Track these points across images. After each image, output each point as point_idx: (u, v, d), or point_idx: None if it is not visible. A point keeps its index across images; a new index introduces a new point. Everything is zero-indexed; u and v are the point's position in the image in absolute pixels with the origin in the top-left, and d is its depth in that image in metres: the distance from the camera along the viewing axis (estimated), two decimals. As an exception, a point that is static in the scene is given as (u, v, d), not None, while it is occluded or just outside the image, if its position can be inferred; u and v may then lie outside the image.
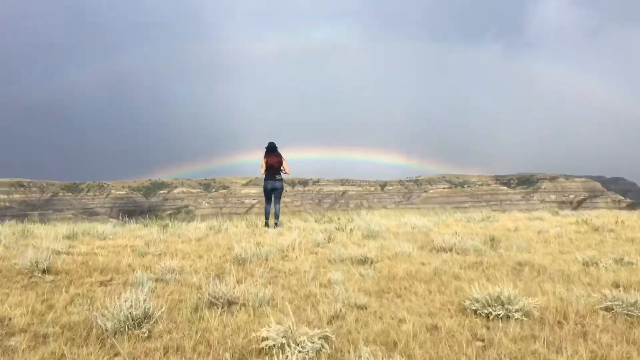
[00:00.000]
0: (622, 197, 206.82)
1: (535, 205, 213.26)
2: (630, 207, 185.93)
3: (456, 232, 10.73)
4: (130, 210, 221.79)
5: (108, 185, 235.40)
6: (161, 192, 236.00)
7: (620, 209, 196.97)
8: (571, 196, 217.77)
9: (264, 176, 14.32)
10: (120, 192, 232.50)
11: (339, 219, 14.49)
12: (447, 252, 9.09)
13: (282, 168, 14.41)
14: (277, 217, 13.41)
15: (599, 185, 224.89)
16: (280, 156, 14.23)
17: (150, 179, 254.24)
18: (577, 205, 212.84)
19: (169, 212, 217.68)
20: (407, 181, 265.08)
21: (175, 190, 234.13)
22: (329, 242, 9.88)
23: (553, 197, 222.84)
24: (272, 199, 14.28)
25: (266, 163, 14.13)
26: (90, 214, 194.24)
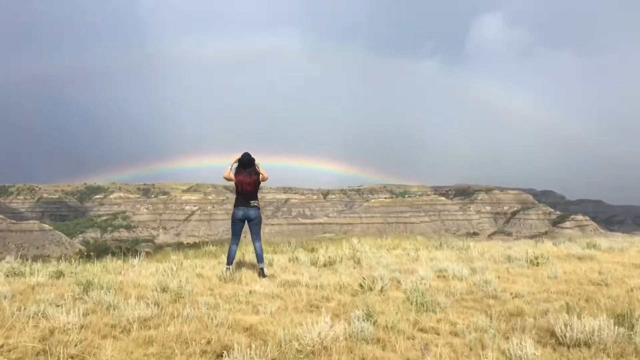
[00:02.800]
0: (552, 210, 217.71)
1: (471, 216, 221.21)
2: (560, 219, 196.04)
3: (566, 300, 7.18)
4: (63, 215, 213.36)
5: (40, 188, 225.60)
6: (97, 196, 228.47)
7: (550, 221, 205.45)
8: (505, 208, 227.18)
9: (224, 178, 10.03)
10: (52, 196, 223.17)
11: (341, 259, 9.93)
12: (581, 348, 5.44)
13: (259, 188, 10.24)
14: (261, 260, 9.37)
15: (530, 197, 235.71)
16: (257, 174, 9.81)
17: (85, 183, 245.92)
18: (511, 216, 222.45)
19: (104, 217, 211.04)
20: (350, 190, 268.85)
21: (112, 195, 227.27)
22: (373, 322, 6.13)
23: (488, 208, 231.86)
24: (245, 233, 10.11)
25: (238, 184, 9.73)
26: (19, 218, 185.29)
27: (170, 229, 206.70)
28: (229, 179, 9.78)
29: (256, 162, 9.78)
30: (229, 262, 9.35)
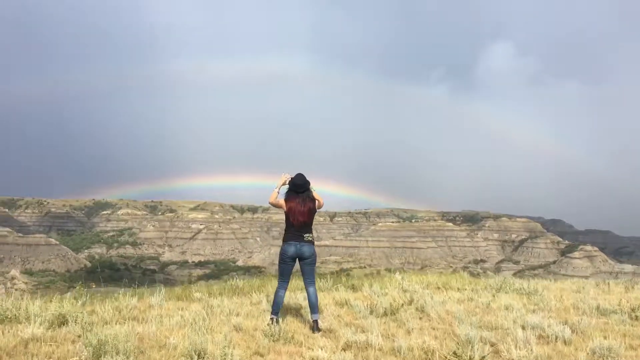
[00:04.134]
0: (561, 239, 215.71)
1: (479, 242, 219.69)
2: (569, 249, 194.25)
3: None
4: (70, 230, 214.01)
5: (48, 202, 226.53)
6: (104, 212, 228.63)
7: (558, 250, 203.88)
8: (513, 236, 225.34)
9: (270, 204, 8.26)
10: (60, 211, 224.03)
11: (401, 305, 8.01)
12: None
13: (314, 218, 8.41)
14: (315, 310, 7.41)
15: (539, 226, 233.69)
16: (312, 201, 7.97)
17: (93, 199, 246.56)
18: (519, 244, 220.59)
19: (111, 233, 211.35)
20: (356, 213, 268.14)
21: (120, 212, 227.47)
22: None
23: (496, 235, 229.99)
24: (302, 274, 8.11)
25: (290, 213, 7.87)
26: (26, 232, 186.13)
27: (176, 247, 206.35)
28: (276, 205, 8.03)
29: (316, 196, 7.96)
30: (275, 312, 7.41)
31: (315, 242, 7.86)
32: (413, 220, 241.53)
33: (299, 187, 7.90)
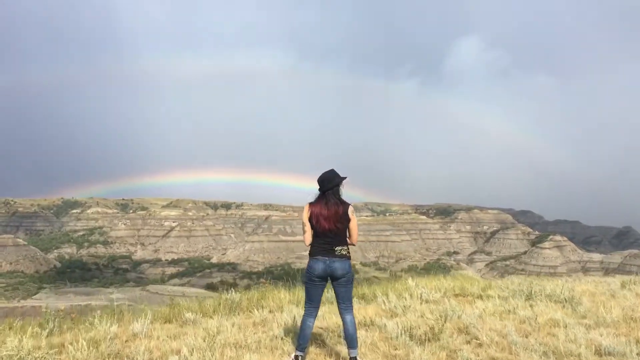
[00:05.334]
0: (531, 230, 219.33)
1: (452, 235, 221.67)
2: (539, 240, 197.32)
3: None
4: (39, 230, 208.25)
5: (15, 202, 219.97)
6: (74, 211, 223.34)
7: (529, 241, 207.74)
8: (485, 227, 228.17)
9: (308, 248, 6.47)
10: (28, 211, 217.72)
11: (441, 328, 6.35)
12: None
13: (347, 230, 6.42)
14: (353, 343, 5.89)
15: (510, 217, 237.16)
16: (345, 204, 6.27)
17: (62, 198, 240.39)
18: (490, 236, 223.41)
19: (81, 233, 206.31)
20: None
21: (89, 210, 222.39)
22: None
23: (468, 227, 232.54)
24: (336, 296, 6.33)
25: (312, 219, 6.24)
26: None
27: (149, 245, 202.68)
28: (306, 224, 6.31)
29: (350, 208, 6.28)
30: (301, 347, 5.87)
31: (291, 237, 6.41)
32: (387, 214, 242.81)
33: (324, 184, 6.19)
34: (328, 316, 7.60)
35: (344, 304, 5.97)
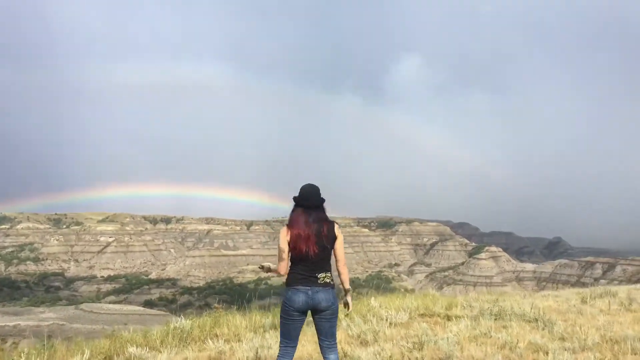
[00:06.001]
0: (468, 241, 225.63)
1: (393, 247, 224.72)
2: (475, 251, 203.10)
3: None
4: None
5: None
6: (2, 227, 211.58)
7: (466, 252, 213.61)
8: (424, 239, 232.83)
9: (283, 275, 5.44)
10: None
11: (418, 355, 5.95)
12: None
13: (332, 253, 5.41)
14: None
15: (448, 229, 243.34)
16: (327, 222, 5.29)
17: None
18: (430, 248, 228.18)
19: (10, 249, 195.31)
20: (274, 221, 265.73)
21: (19, 226, 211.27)
22: None
23: (409, 239, 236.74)
24: (317, 332, 5.34)
25: (291, 241, 5.22)
26: None
27: (83, 261, 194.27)
28: (283, 249, 5.22)
29: (336, 226, 5.28)
30: None
31: (232, 252, 5.42)
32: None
33: (307, 200, 5.18)
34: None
35: (328, 340, 4.98)
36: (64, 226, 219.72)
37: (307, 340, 6.54)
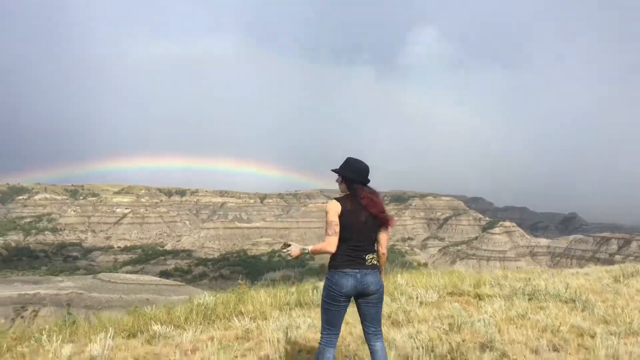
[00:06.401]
0: (482, 216, 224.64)
1: (406, 221, 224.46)
2: (489, 225, 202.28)
3: None
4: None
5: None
6: (20, 198, 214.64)
7: (480, 226, 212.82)
8: (438, 214, 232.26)
9: (330, 255, 4.65)
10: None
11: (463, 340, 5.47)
12: None
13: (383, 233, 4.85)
14: None
15: (462, 204, 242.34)
16: (380, 201, 4.77)
17: (7, 183, 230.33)
18: (443, 222, 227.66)
19: (28, 220, 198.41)
20: (287, 194, 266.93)
21: (37, 197, 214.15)
22: None
23: (422, 214, 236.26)
24: (362, 318, 4.80)
25: (343, 219, 4.53)
26: None
27: (100, 232, 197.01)
28: (333, 227, 4.51)
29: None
30: None
31: (246, 224, 4.98)
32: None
33: (361, 175, 4.72)
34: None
35: (374, 327, 4.59)
36: (81, 197, 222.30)
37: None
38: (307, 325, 5.96)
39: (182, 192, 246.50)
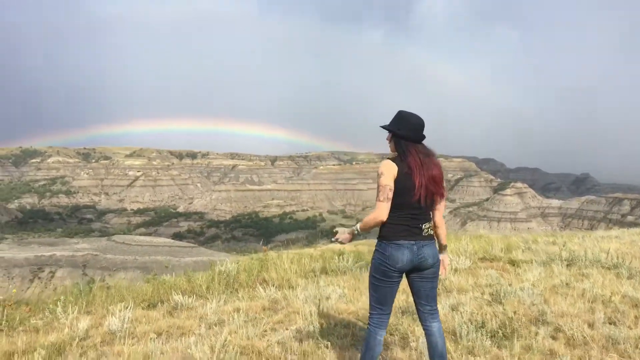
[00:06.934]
0: (493, 177, 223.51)
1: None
2: (501, 187, 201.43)
3: None
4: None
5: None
6: (33, 161, 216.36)
7: (491, 188, 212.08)
8: (449, 175, 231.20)
9: (380, 223, 3.87)
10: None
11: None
12: None
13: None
14: None
15: (473, 165, 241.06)
16: (438, 162, 4.09)
17: (21, 147, 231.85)
18: (455, 184, 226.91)
19: (42, 182, 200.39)
20: (297, 157, 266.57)
21: (50, 160, 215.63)
22: None
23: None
24: (415, 295, 4.08)
25: (398, 183, 3.81)
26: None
27: (113, 194, 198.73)
28: (386, 191, 3.82)
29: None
30: None
31: (257, 187, 4.22)
32: (354, 163, 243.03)
33: (417, 133, 3.98)
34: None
35: (429, 305, 3.95)
36: (93, 160, 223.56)
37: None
38: (338, 296, 5.51)
39: (193, 155, 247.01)
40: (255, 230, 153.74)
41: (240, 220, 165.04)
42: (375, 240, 3.98)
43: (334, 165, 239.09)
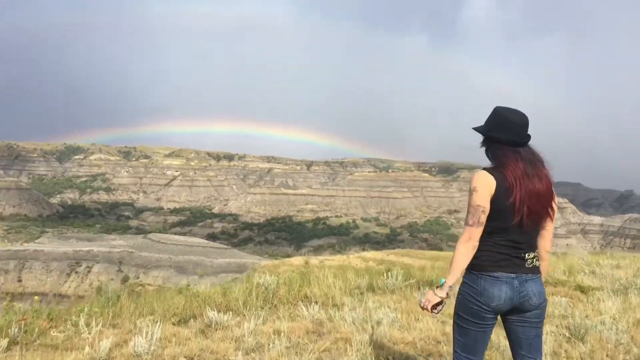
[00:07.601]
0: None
1: (453, 193, 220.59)
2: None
3: None
4: (41, 175, 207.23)
5: (18, 146, 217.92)
6: (76, 157, 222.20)
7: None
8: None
9: (472, 253, 2.97)
10: (31, 155, 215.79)
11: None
12: None
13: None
14: None
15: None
16: (547, 170, 3.08)
17: (64, 143, 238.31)
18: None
19: (84, 178, 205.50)
20: (333, 162, 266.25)
21: (92, 157, 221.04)
22: None
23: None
24: (513, 342, 3.12)
25: (496, 202, 2.94)
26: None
27: (151, 193, 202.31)
28: (481, 205, 2.94)
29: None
30: None
31: (292, 191, 3.73)
32: (389, 170, 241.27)
33: (519, 135, 3.10)
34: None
35: (532, 356, 3.05)
36: (133, 159, 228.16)
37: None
38: (390, 320, 4.81)
39: (230, 157, 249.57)
40: (288, 235, 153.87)
41: (274, 224, 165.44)
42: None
43: (369, 172, 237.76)
